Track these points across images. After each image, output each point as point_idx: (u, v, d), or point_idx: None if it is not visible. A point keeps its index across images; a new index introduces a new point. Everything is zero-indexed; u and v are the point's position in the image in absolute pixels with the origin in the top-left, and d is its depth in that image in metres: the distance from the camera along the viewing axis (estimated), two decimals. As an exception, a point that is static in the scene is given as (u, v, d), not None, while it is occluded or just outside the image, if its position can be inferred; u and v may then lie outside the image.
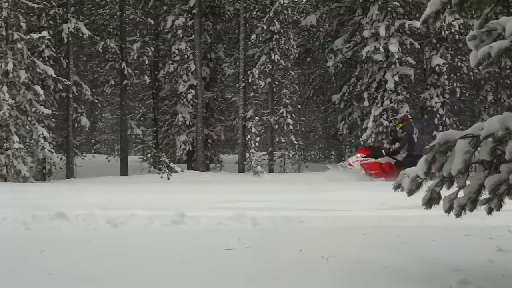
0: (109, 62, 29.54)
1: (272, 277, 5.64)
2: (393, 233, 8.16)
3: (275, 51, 26.95)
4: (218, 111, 32.80)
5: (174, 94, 30.15)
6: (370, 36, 25.87)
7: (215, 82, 32.45)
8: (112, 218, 8.97)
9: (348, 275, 5.72)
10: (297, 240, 7.61)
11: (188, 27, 28.71)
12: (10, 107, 21.47)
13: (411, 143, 21.33)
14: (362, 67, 27.47)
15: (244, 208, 10.05)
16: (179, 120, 28.95)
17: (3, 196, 13.71)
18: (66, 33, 26.49)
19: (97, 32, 29.36)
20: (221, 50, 31.91)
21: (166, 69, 29.92)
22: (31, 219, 8.87)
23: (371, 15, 25.96)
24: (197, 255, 6.63)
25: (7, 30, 22.05)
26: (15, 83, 22.06)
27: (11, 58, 21.81)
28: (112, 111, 40.80)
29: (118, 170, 28.96)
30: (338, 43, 29.00)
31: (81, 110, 28.55)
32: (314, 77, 34.01)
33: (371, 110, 25.96)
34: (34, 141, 22.80)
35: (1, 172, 21.50)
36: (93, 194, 14.74)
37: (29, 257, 6.49)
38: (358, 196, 13.64)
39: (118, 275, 5.71)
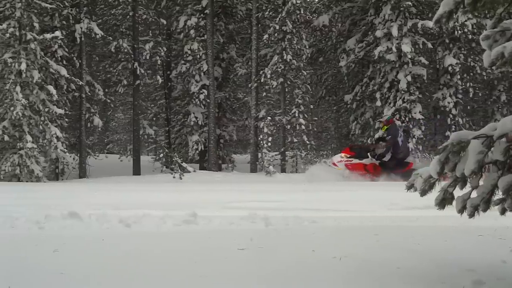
0: (122, 62, 29.65)
1: (284, 277, 5.64)
2: (406, 233, 8.13)
3: (288, 51, 26.95)
4: (231, 111, 32.82)
5: (186, 94, 30.20)
6: (382, 36, 25.83)
7: (228, 82, 32.49)
8: (125, 217, 8.98)
9: (360, 275, 5.71)
10: (309, 240, 7.59)
11: (200, 27, 28.75)
12: (24, 107, 21.56)
13: (395, 146, 21.16)
14: (375, 67, 27.42)
15: (257, 208, 10.04)
16: (192, 120, 29.01)
17: (17, 195, 13.76)
18: (79, 33, 26.61)
19: (110, 32, 29.46)
20: (233, 50, 31.93)
21: (179, 69, 29.99)
22: (44, 218, 8.89)
23: (384, 15, 25.92)
24: (209, 255, 6.63)
25: (21, 30, 22.14)
26: (28, 83, 22.16)
27: (25, 58, 21.90)
28: (125, 111, 40.95)
29: (130, 170, 29.04)
30: (351, 43, 28.95)
31: (93, 110, 28.66)
32: (326, 77, 33.96)
33: (383, 110, 25.91)
34: (47, 141, 22.89)
35: (15, 171, 21.59)
36: (106, 193, 14.76)
37: (42, 257, 6.51)
38: (370, 196, 13.61)
39: (131, 275, 5.72)
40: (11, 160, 21.61)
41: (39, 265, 6.11)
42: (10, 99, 21.60)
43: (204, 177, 23.46)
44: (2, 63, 21.85)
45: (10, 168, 21.55)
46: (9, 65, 21.79)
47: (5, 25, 21.96)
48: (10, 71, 21.82)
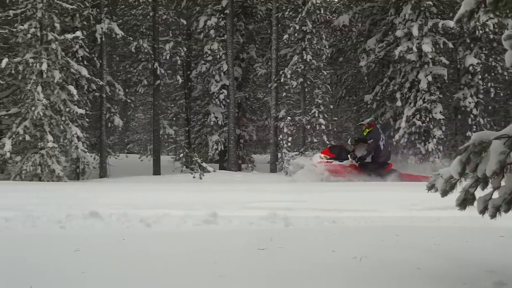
0: (142, 62, 29.75)
1: (304, 277, 5.63)
2: (426, 234, 8.10)
3: (307, 51, 26.91)
4: (250, 111, 32.84)
5: (206, 94, 30.26)
6: (403, 35, 25.71)
7: (247, 82, 32.51)
8: (145, 217, 9.01)
9: (380, 275, 5.69)
10: (329, 241, 7.58)
11: (220, 27, 28.79)
12: (45, 107, 21.68)
13: (377, 149, 21.04)
14: (395, 67, 27.30)
15: (276, 208, 10.04)
16: (211, 120, 29.06)
17: (38, 195, 13.83)
18: (99, 34, 26.72)
19: (130, 33, 29.57)
20: (253, 50, 31.95)
21: (199, 69, 30.05)
22: (66, 218, 8.94)
23: (404, 14, 25.80)
24: (229, 255, 6.64)
25: (42, 30, 22.26)
26: (50, 83, 22.28)
27: (46, 59, 22.02)
28: (145, 111, 41.11)
29: (150, 169, 29.13)
30: (371, 43, 28.86)
31: (114, 110, 28.79)
32: (346, 77, 33.87)
33: (404, 110, 25.80)
34: (68, 141, 22.99)
35: (36, 171, 21.71)
36: (126, 193, 14.80)
37: (63, 256, 6.55)
38: (389, 196, 13.55)
39: (151, 275, 5.74)
40: (32, 160, 21.74)
41: (60, 264, 6.14)
42: (31, 99, 21.73)
43: (224, 177, 23.47)
44: (24, 63, 21.98)
45: (31, 168, 21.68)
46: (31, 65, 21.92)
47: (27, 25, 22.09)
48: (31, 71, 21.95)
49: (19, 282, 5.39)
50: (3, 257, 6.55)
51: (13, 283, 5.43)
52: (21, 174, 21.82)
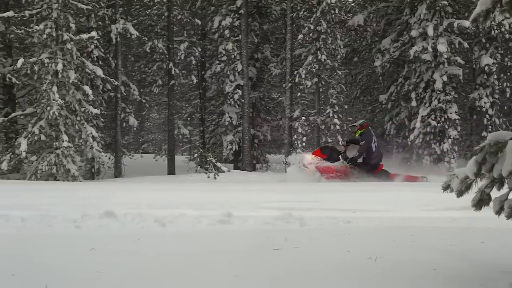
0: (157, 62, 29.83)
1: (319, 277, 5.62)
2: (442, 234, 8.07)
3: (322, 51, 26.89)
4: (265, 111, 32.84)
5: (221, 94, 30.31)
6: (418, 35, 25.66)
7: (262, 82, 32.53)
8: (160, 217, 9.02)
9: (395, 276, 5.68)
10: (344, 241, 7.57)
11: (235, 27, 28.83)
12: (60, 107, 21.76)
13: (369, 151, 20.89)
14: (410, 67, 27.24)
15: (291, 208, 10.02)
16: (226, 120, 29.10)
17: (53, 194, 13.88)
18: (114, 34, 26.82)
19: (145, 33, 29.64)
20: (267, 50, 31.98)
21: (213, 69, 30.09)
22: (81, 217, 8.96)
23: (419, 14, 25.74)
24: (244, 255, 6.64)
25: (57, 31, 22.35)
26: (65, 83, 22.37)
27: (61, 59, 22.11)
28: (160, 111, 41.22)
29: (165, 169, 29.19)
30: (386, 43, 28.82)
31: (129, 110, 28.88)
32: (361, 77, 33.83)
33: (418, 110, 25.75)
34: (83, 141, 23.08)
35: (51, 171, 21.80)
36: (141, 193, 14.84)
37: (78, 255, 6.56)
38: (404, 197, 13.50)
39: (166, 275, 5.75)
40: (47, 160, 21.82)
41: (76, 264, 6.16)
42: (46, 99, 21.82)
43: (238, 177, 23.48)
44: (39, 64, 22.07)
45: (46, 168, 21.77)
46: (46, 65, 22.01)
47: (42, 25, 22.18)
48: (47, 71, 22.04)
49: (35, 281, 5.41)
50: (19, 256, 6.57)
51: (29, 282, 5.45)
52: (36, 174, 21.91)
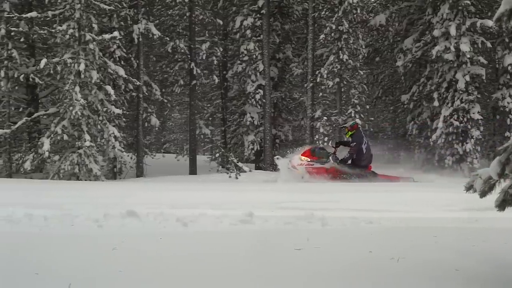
0: (179, 62, 29.89)
1: (341, 278, 5.62)
2: (464, 235, 8.03)
3: (344, 51, 26.79)
4: (286, 111, 32.80)
5: (242, 94, 30.31)
6: (440, 35, 25.49)
7: (283, 82, 32.50)
8: (182, 217, 9.04)
9: (418, 276, 5.66)
10: (366, 241, 7.55)
11: (256, 27, 28.83)
12: (82, 107, 21.85)
13: (359, 153, 20.70)
14: (432, 66, 27.05)
15: (313, 208, 10.01)
16: (247, 120, 29.10)
17: (76, 194, 13.97)
18: (136, 34, 26.91)
19: (167, 33, 29.68)
20: (289, 50, 31.94)
21: (235, 69, 30.09)
22: (103, 217, 9.01)
23: (442, 14, 25.57)
24: (266, 255, 6.64)
25: (80, 31, 22.44)
26: (87, 83, 22.45)
27: (83, 59, 22.19)
28: (181, 110, 41.30)
29: (187, 169, 29.25)
30: (408, 43, 28.67)
31: (151, 110, 28.96)
32: (383, 77, 33.68)
33: (441, 110, 25.58)
34: (105, 140, 23.16)
35: (74, 170, 21.89)
36: (163, 192, 14.88)
37: (101, 255, 6.60)
38: (424, 197, 13.44)
39: (188, 274, 5.76)
40: (70, 159, 21.92)
41: (98, 263, 6.20)
42: (69, 99, 21.92)
43: (259, 176, 23.45)
44: (62, 64, 22.18)
45: (69, 167, 21.86)
46: (69, 65, 22.11)
47: (65, 26, 22.29)
48: (69, 71, 22.14)
49: (58, 279, 5.44)
50: (43, 255, 6.62)
51: (52, 280, 5.48)
52: (59, 173, 22.01)
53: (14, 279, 5.56)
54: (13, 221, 8.56)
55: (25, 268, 5.87)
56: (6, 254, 6.64)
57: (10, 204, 9.99)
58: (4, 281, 5.54)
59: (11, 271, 5.84)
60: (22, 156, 24.14)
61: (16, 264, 6.15)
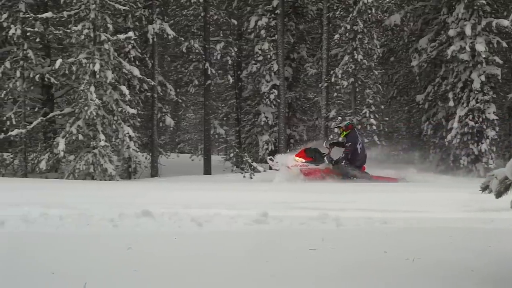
0: (193, 62, 29.99)
1: (356, 278, 5.61)
2: (480, 235, 8.00)
3: (358, 51, 26.77)
4: (301, 111, 32.80)
5: (257, 94, 30.34)
6: (455, 35, 25.41)
7: (298, 82, 32.50)
8: (196, 217, 9.04)
9: (433, 277, 5.64)
10: (381, 241, 7.53)
11: (271, 27, 28.85)
12: (97, 107, 21.94)
13: (354, 153, 20.59)
14: (447, 66, 26.98)
15: (327, 209, 9.98)
16: (262, 120, 29.13)
17: (91, 193, 14.01)
18: (151, 34, 26.98)
19: (181, 33, 29.77)
20: (303, 50, 31.94)
21: (249, 69, 30.13)
22: (118, 216, 9.01)
23: (457, 13, 25.49)
24: (280, 255, 6.63)
25: (95, 31, 22.53)
26: (102, 83, 22.54)
27: (98, 59, 22.28)
28: (196, 110, 41.35)
29: (201, 169, 29.29)
30: (423, 43, 28.59)
31: (165, 109, 29.04)
32: (397, 77, 33.61)
33: (456, 110, 25.50)
34: (120, 140, 23.24)
35: (88, 170, 21.99)
36: (177, 192, 14.91)
37: (116, 254, 6.62)
38: (442, 197, 13.40)
39: (202, 274, 5.77)
40: (85, 159, 22.02)
41: (113, 262, 6.22)
42: (84, 99, 22.01)
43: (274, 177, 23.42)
44: (77, 64, 22.28)
45: (84, 167, 21.96)
46: (84, 65, 22.21)
47: (80, 26, 22.38)
48: (84, 71, 22.24)
49: (74, 279, 5.46)
50: (58, 254, 6.64)
51: (68, 280, 5.50)
52: (74, 173, 22.12)
53: (31, 278, 5.59)
54: (29, 221, 8.59)
55: (41, 268, 5.90)
56: (22, 253, 6.66)
57: (26, 203, 10.03)
58: (21, 280, 5.57)
59: (28, 270, 5.87)
60: (38, 155, 24.32)
61: (32, 263, 6.18)
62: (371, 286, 5.39)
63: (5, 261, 6.34)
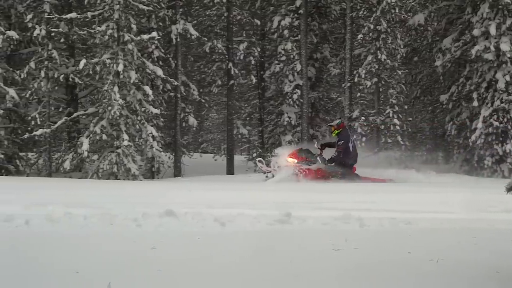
0: (216, 62, 30.05)
1: (380, 279, 5.59)
2: (504, 236, 7.95)
3: (382, 51, 26.67)
4: (324, 111, 32.72)
5: (279, 94, 30.28)
6: (480, 34, 25.23)
7: (321, 82, 32.43)
8: (219, 216, 9.05)
9: (458, 278, 5.61)
10: (405, 242, 7.51)
11: (294, 27, 28.81)
12: (121, 107, 22.02)
13: (346, 151, 20.45)
14: (472, 66, 26.79)
15: (350, 209, 9.95)
16: (285, 120, 29.09)
17: (114, 193, 14.07)
18: (174, 34, 27.06)
19: (205, 33, 29.82)
20: (326, 50, 31.87)
21: (272, 69, 30.10)
22: (141, 216, 9.04)
23: (482, 13, 25.30)
24: (304, 255, 6.63)
25: (119, 31, 22.63)
26: (126, 84, 22.63)
27: (122, 59, 22.38)
28: (219, 110, 41.44)
29: (224, 169, 29.33)
30: (447, 42, 28.41)
31: (188, 109, 29.11)
32: (421, 76, 33.44)
33: (480, 110, 25.31)
34: (143, 140, 23.29)
35: (112, 169, 22.08)
36: (200, 192, 14.94)
37: (140, 254, 6.65)
38: (463, 198, 13.30)
39: (226, 273, 5.78)
40: (109, 159, 22.12)
41: (137, 262, 6.25)
42: (108, 99, 22.11)
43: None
44: (101, 64, 22.39)
45: (108, 166, 22.06)
46: (108, 66, 22.31)
47: (104, 26, 22.49)
48: (108, 71, 22.34)
49: (98, 278, 5.49)
50: (82, 253, 6.68)
51: (92, 279, 5.54)
52: (98, 173, 22.23)
53: (56, 278, 5.63)
54: (53, 220, 8.64)
55: (66, 267, 5.94)
56: (47, 252, 6.71)
57: (50, 203, 10.09)
58: (45, 279, 5.61)
59: (53, 270, 5.91)
60: (62, 155, 24.53)
61: (57, 263, 6.22)
62: (395, 286, 5.38)
63: (31, 259, 6.39)
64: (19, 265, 6.15)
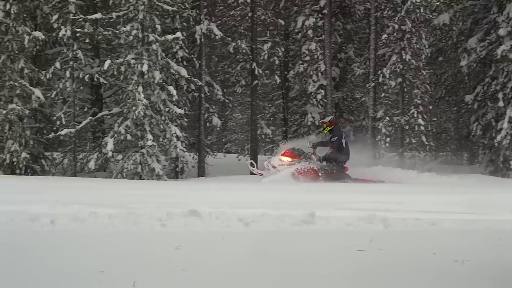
0: (240, 62, 30.08)
1: (405, 279, 5.57)
2: (531, 238, 7.89)
3: (406, 51, 26.55)
4: (348, 111, 32.65)
5: (303, 94, 30.25)
6: (506, 34, 25.08)
7: (345, 82, 32.37)
8: (243, 216, 9.05)
9: (484, 280, 5.57)
10: (430, 243, 7.46)
11: (318, 27, 28.76)
12: (145, 107, 22.09)
13: (339, 147, 20.33)
14: (497, 66, 26.62)
15: (374, 209, 9.92)
16: (309, 120, 29.06)
17: (139, 193, 14.13)
18: (199, 34, 27.14)
19: (229, 33, 29.87)
20: (351, 50, 31.80)
21: (296, 69, 30.10)
22: (166, 216, 9.06)
23: (508, 12, 25.16)
24: (328, 255, 6.63)
25: (143, 32, 22.71)
26: (150, 84, 22.71)
27: (147, 59, 22.46)
28: (243, 111, 41.47)
29: (248, 169, 29.29)
30: (472, 42, 28.25)
31: (212, 110, 29.18)
32: (446, 77, 33.29)
33: (506, 110, 25.15)
34: (167, 140, 23.32)
35: (136, 169, 22.16)
36: (224, 192, 14.96)
37: (164, 253, 6.67)
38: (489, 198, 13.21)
39: (252, 273, 5.78)
40: (133, 159, 22.21)
41: (162, 261, 6.27)
42: (132, 99, 22.17)
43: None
44: (126, 64, 22.47)
45: (132, 166, 22.14)
46: (132, 66, 22.38)
47: (129, 27, 22.58)
48: (133, 72, 22.41)
49: (123, 277, 5.52)
50: (107, 253, 6.71)
51: (117, 278, 5.57)
52: (122, 172, 22.33)
53: (81, 277, 5.67)
54: (79, 219, 8.69)
55: (91, 266, 5.97)
56: (73, 252, 6.76)
57: (76, 202, 10.15)
58: (72, 278, 5.65)
59: (78, 269, 5.95)
60: (87, 155, 24.69)
61: (82, 262, 6.26)
62: (420, 287, 5.35)
63: (56, 258, 6.44)
64: (44, 264, 6.20)
